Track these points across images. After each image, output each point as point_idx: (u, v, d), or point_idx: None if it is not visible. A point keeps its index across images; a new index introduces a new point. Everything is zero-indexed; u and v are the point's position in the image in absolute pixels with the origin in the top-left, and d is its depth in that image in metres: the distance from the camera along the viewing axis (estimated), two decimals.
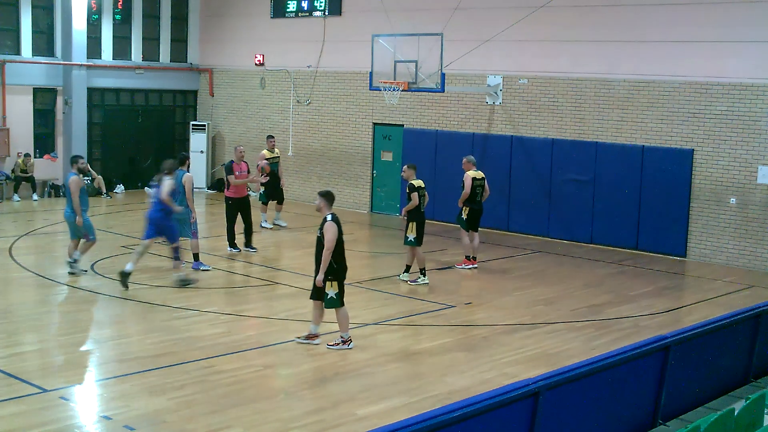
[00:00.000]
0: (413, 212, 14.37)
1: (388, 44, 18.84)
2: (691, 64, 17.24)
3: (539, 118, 19.39)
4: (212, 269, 14.96)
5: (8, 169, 22.75)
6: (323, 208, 10.72)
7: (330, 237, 10.47)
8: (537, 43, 19.28)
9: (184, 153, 17.45)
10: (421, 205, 14.43)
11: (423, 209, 14.55)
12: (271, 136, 19.58)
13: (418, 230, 14.34)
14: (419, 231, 14.36)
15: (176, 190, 14.39)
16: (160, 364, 9.97)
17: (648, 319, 12.81)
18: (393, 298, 13.65)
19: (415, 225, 14.35)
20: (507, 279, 15.38)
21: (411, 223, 14.38)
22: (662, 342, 7.98)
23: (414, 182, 14.42)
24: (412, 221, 14.38)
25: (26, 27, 23.09)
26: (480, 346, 11.16)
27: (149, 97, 25.82)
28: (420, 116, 21.39)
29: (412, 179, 14.46)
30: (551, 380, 6.63)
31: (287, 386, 9.58)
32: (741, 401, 8.24)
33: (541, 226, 19.45)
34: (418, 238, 14.36)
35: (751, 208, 16.68)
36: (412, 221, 14.38)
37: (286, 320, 12.03)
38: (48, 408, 8.60)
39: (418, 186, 14.39)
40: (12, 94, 22.85)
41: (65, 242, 17.97)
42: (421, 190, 14.40)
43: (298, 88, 23.93)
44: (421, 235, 14.45)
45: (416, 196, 14.25)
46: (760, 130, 16.51)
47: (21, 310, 12.35)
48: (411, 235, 14.36)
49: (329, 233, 10.48)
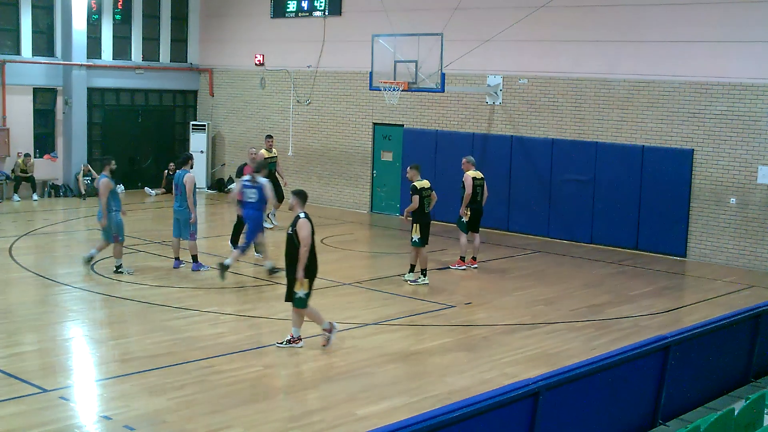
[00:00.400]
0: (417, 213, 14.36)
1: (388, 44, 18.84)
2: (691, 64, 17.24)
3: (539, 118, 19.39)
4: (212, 269, 14.96)
5: (8, 169, 22.75)
6: (296, 206, 10.62)
7: (305, 234, 10.34)
8: (537, 43, 19.28)
9: (188, 153, 17.40)
10: (425, 207, 14.40)
11: (428, 210, 14.52)
12: (270, 136, 19.59)
13: (422, 231, 14.34)
14: (423, 232, 14.36)
15: (178, 190, 14.52)
16: (160, 364, 9.97)
17: (648, 319, 12.81)
18: (393, 298, 13.65)
19: (419, 226, 14.35)
20: (507, 279, 15.38)
21: (415, 224, 14.39)
22: (662, 342, 7.99)
23: (417, 183, 14.38)
24: (415, 222, 14.39)
25: (26, 27, 23.09)
26: (480, 346, 11.16)
27: (149, 97, 25.82)
28: (420, 116, 21.39)
29: (416, 180, 14.44)
30: (551, 380, 6.64)
31: (287, 386, 9.58)
32: (741, 401, 8.25)
33: (541, 226, 19.45)
34: (422, 239, 14.36)
35: (751, 208, 16.68)
36: (415, 222, 14.39)
37: (286, 320, 12.00)
38: (48, 408, 8.60)
39: (421, 187, 14.34)
40: (12, 94, 22.85)
41: (65, 242, 18.02)
42: (425, 191, 14.36)
43: (298, 88, 23.93)
44: (426, 236, 14.44)
45: (417, 199, 14.24)
46: (760, 130, 16.51)
47: (21, 310, 12.35)
48: (415, 236, 14.38)
49: (303, 230, 10.34)
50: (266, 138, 19.48)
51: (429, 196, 14.47)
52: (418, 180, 14.42)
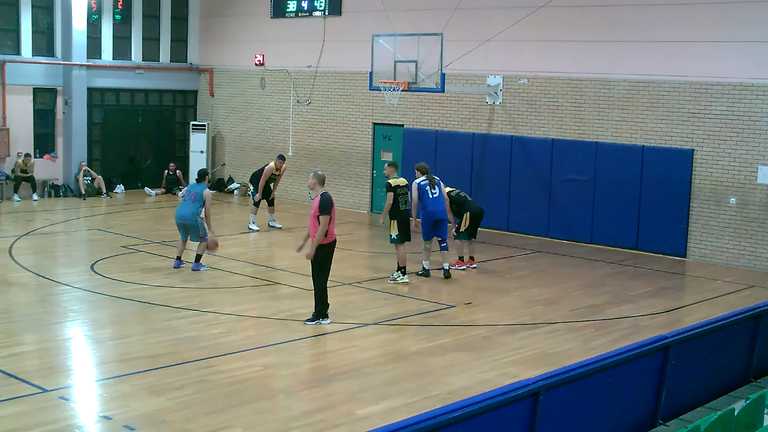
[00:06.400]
0: (394, 211, 14.42)
1: (388, 44, 18.84)
2: (691, 64, 17.24)
3: (539, 118, 19.39)
4: (211, 269, 14.96)
5: (8, 169, 22.75)
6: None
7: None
8: (537, 43, 19.28)
9: (205, 168, 17.03)
10: (400, 204, 14.46)
11: (405, 207, 14.56)
12: (283, 158, 19.52)
13: (399, 228, 14.39)
14: (401, 229, 14.40)
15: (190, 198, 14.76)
16: (160, 364, 9.97)
17: (648, 319, 12.81)
18: (393, 298, 13.65)
19: (396, 223, 14.41)
20: (507, 279, 15.37)
21: (392, 221, 14.46)
22: (662, 342, 7.98)
23: (392, 181, 14.51)
24: (393, 219, 14.45)
25: (26, 27, 23.09)
26: (480, 346, 11.16)
27: (149, 97, 25.82)
28: (420, 116, 21.38)
29: (391, 177, 14.58)
30: (551, 380, 6.63)
31: (287, 386, 9.58)
32: (741, 401, 8.25)
33: (541, 226, 19.45)
34: (400, 236, 14.40)
35: (751, 208, 16.68)
36: (393, 219, 14.45)
37: (286, 320, 12.03)
38: (48, 408, 8.60)
39: (396, 185, 14.46)
40: (12, 94, 22.85)
41: (65, 242, 18.03)
42: (399, 189, 14.46)
43: (298, 88, 23.93)
44: (405, 233, 14.47)
45: (390, 196, 14.34)
46: (760, 130, 16.51)
47: (21, 310, 12.35)
48: (393, 233, 14.43)
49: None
50: (280, 157, 19.37)
51: (405, 194, 14.55)
52: (393, 178, 14.57)
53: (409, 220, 14.67)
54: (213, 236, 14.93)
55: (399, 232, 14.40)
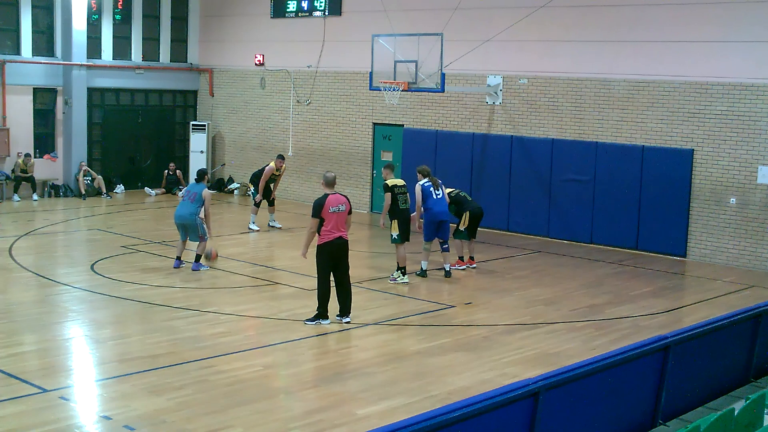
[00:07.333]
0: (393, 210, 14.46)
1: (388, 44, 18.84)
2: (691, 64, 17.24)
3: (539, 118, 19.39)
4: (211, 269, 14.96)
5: (8, 169, 22.75)
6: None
7: None
8: (537, 43, 19.27)
9: (204, 168, 17.06)
10: (399, 203, 14.47)
11: (404, 206, 14.58)
12: (283, 157, 19.56)
13: (400, 227, 14.42)
14: (402, 228, 14.43)
15: (188, 198, 14.79)
16: (160, 364, 9.97)
17: (648, 319, 12.81)
18: (393, 298, 13.65)
19: (397, 223, 14.43)
20: (507, 279, 15.37)
21: (393, 221, 14.50)
22: (662, 342, 7.99)
23: (389, 181, 14.55)
24: (393, 219, 14.49)
25: (26, 27, 23.08)
26: (480, 346, 11.15)
27: (149, 97, 25.82)
28: (420, 116, 21.38)
29: (388, 179, 14.62)
30: (551, 380, 6.63)
31: (287, 386, 9.58)
32: (741, 401, 8.25)
33: (541, 226, 19.45)
34: (401, 236, 14.43)
35: (751, 208, 16.68)
36: (393, 219, 14.49)
37: (286, 320, 12.03)
38: (48, 408, 8.60)
39: (393, 185, 14.49)
40: (12, 94, 22.85)
41: (65, 242, 18.03)
42: (397, 188, 14.49)
43: (298, 88, 23.93)
44: (405, 232, 14.50)
45: (389, 196, 14.38)
46: (760, 130, 16.51)
47: (21, 310, 12.34)
48: (394, 233, 14.46)
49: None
50: (279, 157, 19.40)
51: (403, 193, 14.58)
52: (390, 179, 14.62)
53: (409, 218, 14.69)
54: (213, 247, 15.00)
55: (400, 231, 14.41)
